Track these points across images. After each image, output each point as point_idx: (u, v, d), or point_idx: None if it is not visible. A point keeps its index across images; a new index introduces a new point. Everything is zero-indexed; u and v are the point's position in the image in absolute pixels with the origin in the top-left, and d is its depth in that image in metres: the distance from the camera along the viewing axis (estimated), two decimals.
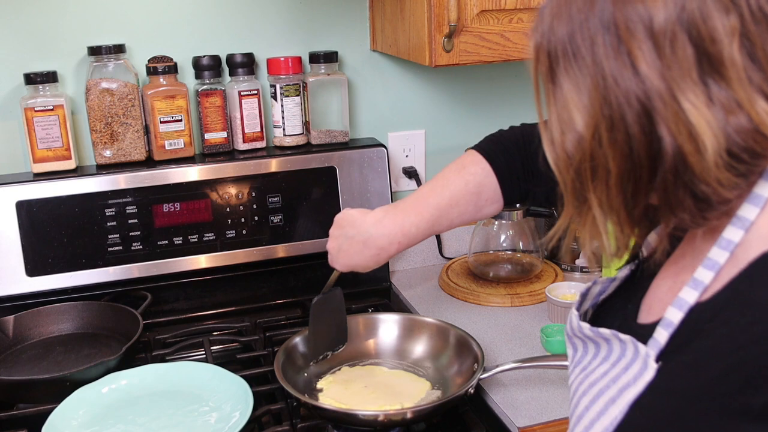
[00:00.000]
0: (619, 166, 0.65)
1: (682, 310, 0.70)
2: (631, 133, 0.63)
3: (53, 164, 1.47)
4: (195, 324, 1.52)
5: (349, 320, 1.40)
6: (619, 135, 0.64)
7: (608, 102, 0.64)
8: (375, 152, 1.62)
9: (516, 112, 1.83)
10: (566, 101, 0.67)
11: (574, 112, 0.66)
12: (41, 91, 1.45)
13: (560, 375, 1.31)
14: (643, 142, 0.63)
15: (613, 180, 0.66)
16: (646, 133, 0.63)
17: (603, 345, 0.80)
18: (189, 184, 1.51)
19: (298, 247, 1.59)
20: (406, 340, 1.38)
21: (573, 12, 0.65)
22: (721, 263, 0.68)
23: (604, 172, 0.66)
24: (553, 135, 0.70)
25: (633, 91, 0.62)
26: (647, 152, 0.64)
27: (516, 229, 1.70)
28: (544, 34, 0.68)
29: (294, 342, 1.32)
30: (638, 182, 0.65)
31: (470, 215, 1.19)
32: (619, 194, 0.67)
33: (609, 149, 0.65)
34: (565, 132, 0.68)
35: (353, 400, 1.21)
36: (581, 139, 0.67)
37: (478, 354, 1.25)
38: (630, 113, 0.63)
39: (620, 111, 0.63)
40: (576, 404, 0.81)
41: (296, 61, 1.58)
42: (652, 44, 0.61)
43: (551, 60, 0.68)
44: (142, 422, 1.17)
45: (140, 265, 1.50)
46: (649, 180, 0.65)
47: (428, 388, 1.26)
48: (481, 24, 1.38)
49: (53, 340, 1.42)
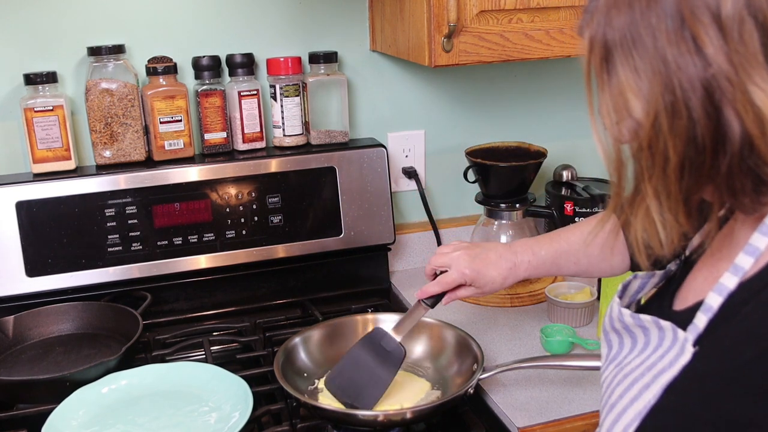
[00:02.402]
0: (680, 153, 0.65)
1: (722, 295, 0.70)
2: (695, 119, 0.63)
3: (53, 164, 1.47)
4: (195, 324, 1.52)
5: (349, 320, 1.39)
6: (681, 121, 0.64)
7: (670, 88, 0.64)
8: (375, 152, 1.62)
9: (516, 113, 1.83)
10: (623, 89, 0.67)
11: (631, 100, 0.66)
12: (41, 92, 1.45)
13: (560, 375, 1.31)
14: (708, 127, 0.63)
15: (671, 168, 0.66)
16: (711, 118, 0.63)
17: (640, 336, 0.80)
18: (189, 184, 1.51)
19: (298, 248, 1.59)
20: (406, 340, 1.38)
21: (633, 1, 0.66)
22: (761, 249, 0.69)
23: (662, 160, 0.66)
24: (605, 125, 0.70)
25: (698, 76, 0.63)
26: (712, 137, 0.64)
27: (516, 229, 1.70)
28: (600, 25, 0.68)
29: (294, 342, 1.32)
30: (700, 168, 0.65)
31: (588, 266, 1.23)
32: (677, 182, 0.66)
33: (669, 136, 0.65)
34: (621, 121, 0.68)
35: None
36: (639, 127, 0.67)
37: (477, 354, 1.25)
38: (694, 98, 0.63)
39: (684, 96, 0.63)
40: (609, 395, 0.81)
41: (296, 61, 1.58)
42: (717, 29, 0.62)
43: (607, 50, 0.68)
44: (142, 422, 1.17)
45: (140, 266, 1.50)
46: (711, 165, 0.65)
47: (428, 388, 1.26)
48: (480, 24, 1.38)
49: (53, 341, 1.42)
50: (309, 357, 1.33)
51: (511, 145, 1.69)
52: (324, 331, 1.37)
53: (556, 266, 1.23)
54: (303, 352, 1.33)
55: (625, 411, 0.76)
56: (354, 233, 1.62)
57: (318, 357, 1.34)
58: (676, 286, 0.83)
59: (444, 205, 1.84)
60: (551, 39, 1.43)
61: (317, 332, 1.36)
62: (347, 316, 1.43)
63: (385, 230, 1.64)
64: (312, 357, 1.33)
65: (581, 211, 1.68)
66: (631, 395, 0.76)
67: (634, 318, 0.80)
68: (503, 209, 1.65)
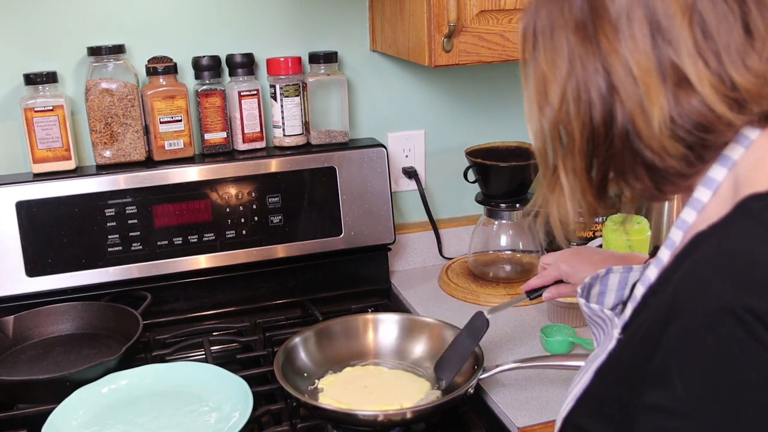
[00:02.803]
0: (583, 134, 0.71)
1: (644, 285, 0.75)
2: (593, 102, 0.69)
3: (53, 164, 1.47)
4: (195, 324, 1.52)
5: (349, 320, 1.40)
6: (583, 105, 0.70)
7: (575, 74, 0.69)
8: (375, 152, 1.62)
9: (515, 113, 1.83)
10: (544, 75, 0.73)
11: (548, 86, 0.72)
12: (41, 92, 1.45)
13: (560, 375, 1.31)
14: (600, 110, 0.69)
15: (577, 148, 0.72)
16: (605, 102, 0.69)
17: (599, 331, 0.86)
18: (189, 184, 1.51)
19: (298, 248, 1.59)
20: (406, 340, 1.38)
21: None
22: (676, 243, 0.73)
23: (570, 141, 0.72)
24: (532, 110, 0.76)
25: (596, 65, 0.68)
26: (604, 120, 0.69)
27: (516, 229, 1.70)
28: (531, 16, 0.74)
29: (294, 342, 1.32)
30: (598, 149, 0.71)
31: None
32: (582, 161, 0.72)
33: (575, 119, 0.70)
34: (542, 106, 0.74)
35: (353, 400, 1.21)
36: (554, 111, 0.72)
37: (478, 354, 1.25)
38: (594, 85, 0.68)
39: (587, 82, 0.69)
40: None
41: (296, 61, 1.58)
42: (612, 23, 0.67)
43: (535, 38, 0.74)
44: (141, 422, 1.17)
45: (140, 266, 1.50)
46: (606, 147, 0.70)
47: (428, 388, 1.26)
48: (480, 24, 1.38)
49: (53, 341, 1.42)
50: (309, 357, 1.33)
51: (511, 145, 1.69)
52: (324, 330, 1.37)
53: None
54: (303, 352, 1.33)
55: (570, 394, 0.82)
56: (354, 233, 1.62)
57: (318, 357, 1.34)
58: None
59: (444, 205, 1.84)
60: None
61: (317, 332, 1.36)
62: (347, 315, 1.43)
63: (385, 230, 1.64)
64: (312, 357, 1.33)
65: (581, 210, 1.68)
66: (575, 382, 0.82)
67: (588, 308, 0.87)
68: (503, 209, 1.65)
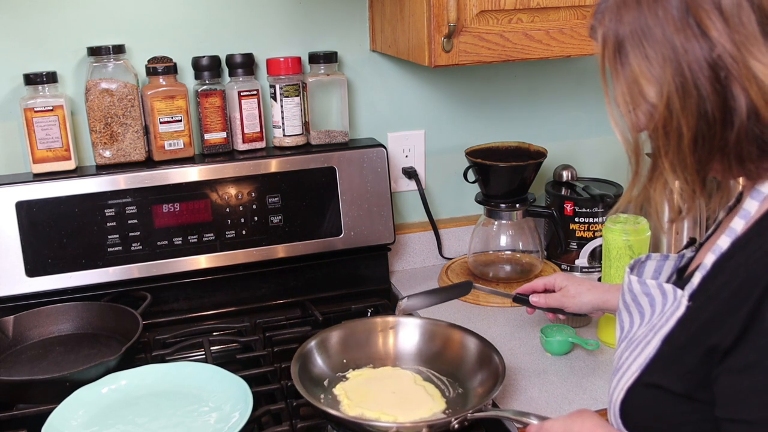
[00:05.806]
0: (693, 128, 0.74)
1: (716, 254, 0.79)
2: (705, 96, 0.72)
3: (53, 164, 1.47)
4: (195, 324, 1.52)
5: (368, 323, 1.37)
6: (692, 99, 0.73)
7: (680, 70, 0.73)
8: (374, 152, 1.62)
9: (515, 113, 1.83)
10: (636, 77, 0.75)
11: (645, 86, 0.75)
12: (41, 92, 1.45)
13: (560, 375, 1.31)
14: (716, 102, 0.72)
15: (685, 143, 0.74)
16: (719, 93, 0.72)
17: (647, 308, 0.88)
18: (189, 184, 1.51)
19: (298, 248, 1.59)
20: (427, 346, 1.34)
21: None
22: (752, 213, 0.78)
23: (677, 137, 0.75)
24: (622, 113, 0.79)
25: (704, 57, 0.72)
26: (721, 111, 0.72)
27: (516, 230, 1.70)
28: (611, 22, 0.78)
29: (308, 348, 1.29)
30: (712, 140, 0.74)
31: None
32: (691, 155, 0.76)
33: (682, 114, 0.73)
34: (636, 107, 0.77)
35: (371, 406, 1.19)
36: (654, 109, 0.75)
37: (499, 368, 1.21)
38: (702, 77, 0.72)
39: (693, 77, 0.72)
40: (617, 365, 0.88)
41: (296, 61, 1.58)
42: (719, 14, 0.71)
43: (619, 43, 0.77)
44: (141, 422, 1.17)
45: (140, 266, 1.50)
46: (721, 137, 0.74)
47: (440, 410, 1.19)
48: (480, 24, 1.38)
49: (53, 341, 1.42)
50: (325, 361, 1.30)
51: (511, 145, 1.70)
52: (339, 334, 1.35)
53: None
54: (319, 356, 1.30)
55: (629, 368, 0.84)
56: (354, 233, 1.62)
57: (335, 360, 1.32)
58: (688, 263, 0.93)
59: (444, 205, 1.84)
60: (551, 39, 1.43)
61: (333, 335, 1.34)
62: (365, 318, 1.41)
63: (385, 230, 1.64)
64: (329, 361, 1.31)
65: (581, 211, 1.68)
66: (635, 354, 0.84)
67: (641, 284, 0.88)
68: (503, 209, 1.65)
